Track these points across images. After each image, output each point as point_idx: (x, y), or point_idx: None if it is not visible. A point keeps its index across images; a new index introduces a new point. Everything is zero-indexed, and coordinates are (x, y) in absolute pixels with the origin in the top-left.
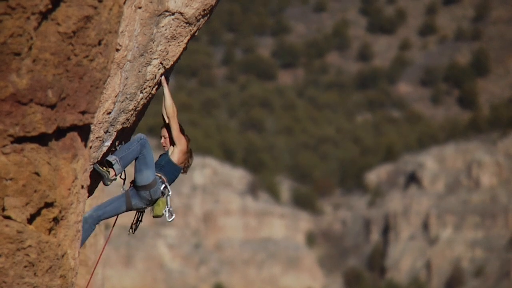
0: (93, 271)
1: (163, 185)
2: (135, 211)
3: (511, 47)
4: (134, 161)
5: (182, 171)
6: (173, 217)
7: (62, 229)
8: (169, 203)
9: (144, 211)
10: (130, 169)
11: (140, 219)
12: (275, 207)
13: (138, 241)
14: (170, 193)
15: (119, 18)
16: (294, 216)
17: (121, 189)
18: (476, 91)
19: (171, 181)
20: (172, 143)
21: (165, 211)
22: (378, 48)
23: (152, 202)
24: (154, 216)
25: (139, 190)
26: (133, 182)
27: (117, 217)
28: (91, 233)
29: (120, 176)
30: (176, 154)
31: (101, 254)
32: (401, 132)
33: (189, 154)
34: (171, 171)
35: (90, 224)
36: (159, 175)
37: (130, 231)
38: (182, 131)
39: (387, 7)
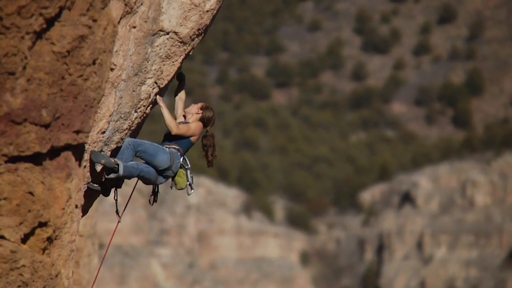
0: None
1: (182, 158)
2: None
3: (505, 66)
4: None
5: (208, 164)
6: (193, 191)
7: (56, 249)
8: (189, 176)
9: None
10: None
11: (157, 190)
12: (269, 226)
13: (132, 260)
14: (189, 166)
15: (114, 37)
16: (288, 236)
17: (115, 213)
18: (470, 110)
19: (185, 151)
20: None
21: (188, 184)
22: (372, 67)
23: (174, 175)
24: (178, 189)
25: (162, 173)
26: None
27: (112, 238)
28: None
29: (113, 198)
30: (192, 124)
31: (96, 275)
32: (395, 151)
33: (212, 145)
34: (185, 141)
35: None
36: (176, 147)
37: (150, 202)
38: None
39: (381, 26)
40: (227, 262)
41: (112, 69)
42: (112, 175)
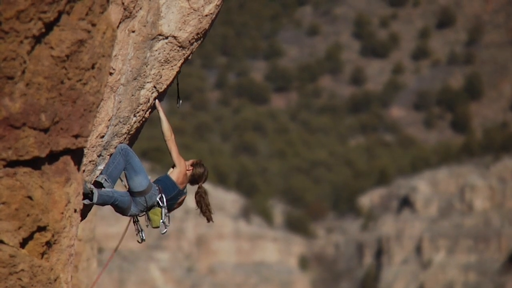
0: None
1: (159, 195)
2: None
3: (504, 71)
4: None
5: (202, 215)
6: (166, 230)
7: (55, 253)
8: (163, 214)
9: (138, 220)
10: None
11: (140, 229)
12: (268, 231)
13: (131, 264)
14: (165, 205)
15: (113, 42)
16: (287, 240)
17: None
18: (469, 115)
19: (167, 196)
20: (173, 165)
21: (161, 222)
22: (371, 72)
23: (148, 209)
24: (154, 227)
25: (134, 196)
26: (128, 189)
27: (118, 246)
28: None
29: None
30: (175, 174)
31: (96, 281)
32: (394, 156)
33: (202, 192)
34: (168, 186)
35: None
36: (156, 184)
37: (140, 240)
38: (197, 163)
39: (380, 31)
40: (226, 266)
41: (111, 74)
42: (86, 201)
